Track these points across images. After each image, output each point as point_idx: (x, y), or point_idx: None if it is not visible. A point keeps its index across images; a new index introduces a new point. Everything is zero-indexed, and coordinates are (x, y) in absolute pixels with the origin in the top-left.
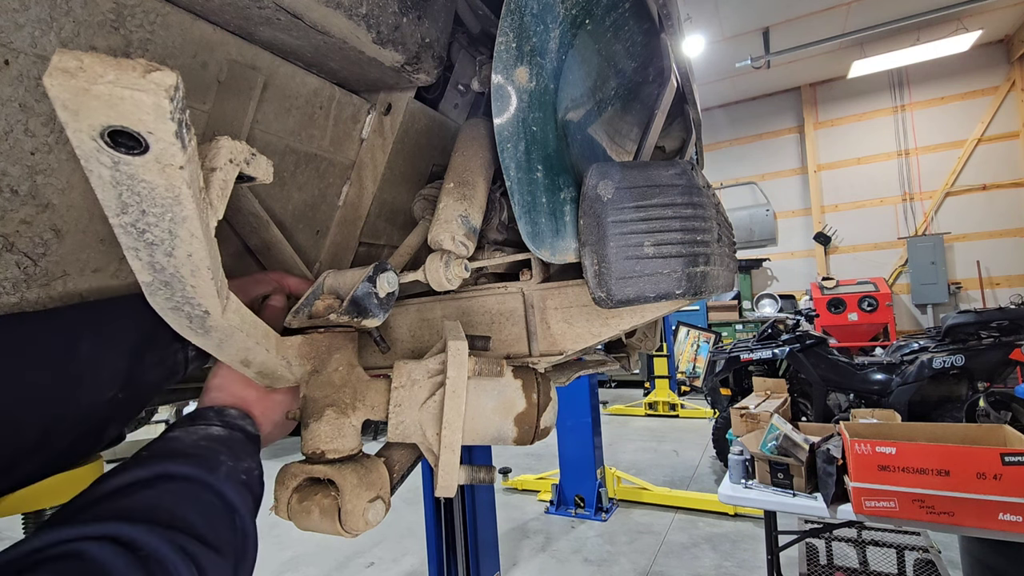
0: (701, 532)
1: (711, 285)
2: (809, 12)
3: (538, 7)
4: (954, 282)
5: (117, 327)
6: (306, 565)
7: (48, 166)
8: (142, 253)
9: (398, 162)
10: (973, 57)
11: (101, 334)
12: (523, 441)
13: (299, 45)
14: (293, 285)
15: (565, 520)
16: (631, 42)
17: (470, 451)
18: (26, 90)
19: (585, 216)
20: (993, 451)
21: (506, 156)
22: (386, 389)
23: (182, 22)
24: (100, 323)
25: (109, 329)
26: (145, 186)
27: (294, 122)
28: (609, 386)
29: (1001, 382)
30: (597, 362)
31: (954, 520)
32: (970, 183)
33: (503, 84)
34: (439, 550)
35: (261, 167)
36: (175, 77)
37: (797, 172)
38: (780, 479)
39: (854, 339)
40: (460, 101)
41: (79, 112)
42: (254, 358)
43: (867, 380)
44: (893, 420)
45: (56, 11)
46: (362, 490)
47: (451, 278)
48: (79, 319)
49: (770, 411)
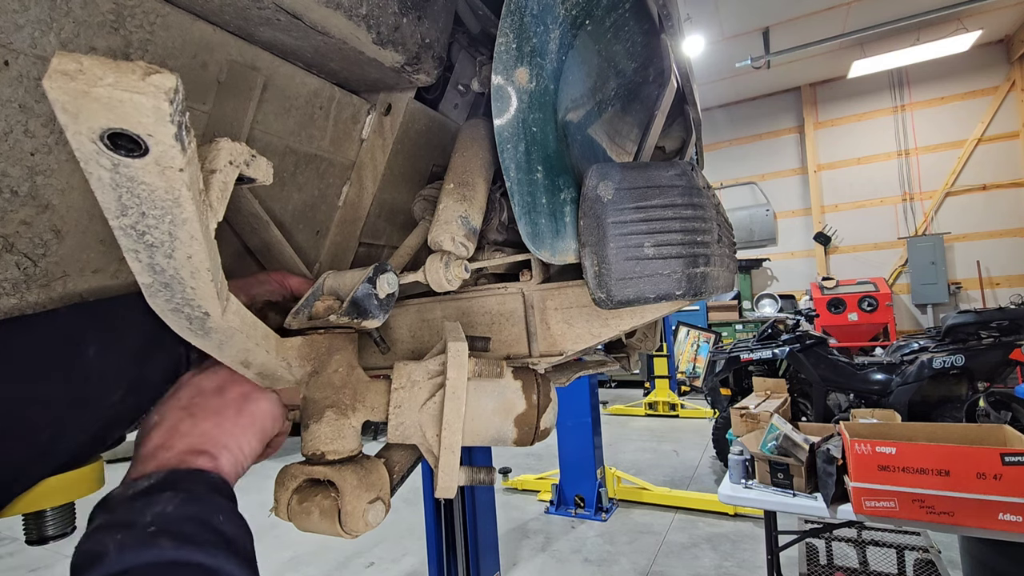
0: (701, 532)
1: (711, 286)
2: (809, 12)
3: (538, 8)
4: (954, 282)
5: (123, 329)
6: (306, 565)
7: (48, 167)
8: (142, 255)
9: (398, 162)
10: (973, 57)
11: (107, 336)
12: (523, 442)
13: (299, 46)
14: (295, 285)
15: (565, 520)
16: (631, 43)
17: (470, 452)
18: (26, 91)
19: (585, 217)
20: (993, 451)
21: (506, 157)
22: (386, 390)
23: (182, 23)
24: (106, 326)
25: (115, 332)
26: (145, 188)
27: (294, 123)
28: (609, 386)
29: (1001, 382)
30: (597, 362)
31: (954, 520)
32: (970, 183)
33: (503, 85)
34: (439, 550)
35: (261, 168)
36: (175, 80)
37: (797, 172)
38: (780, 479)
39: (854, 339)
40: (460, 101)
41: (79, 115)
42: (254, 359)
43: (867, 380)
44: (893, 420)
45: (56, 12)
46: (362, 491)
47: (451, 279)
48: (86, 322)
49: (770, 411)
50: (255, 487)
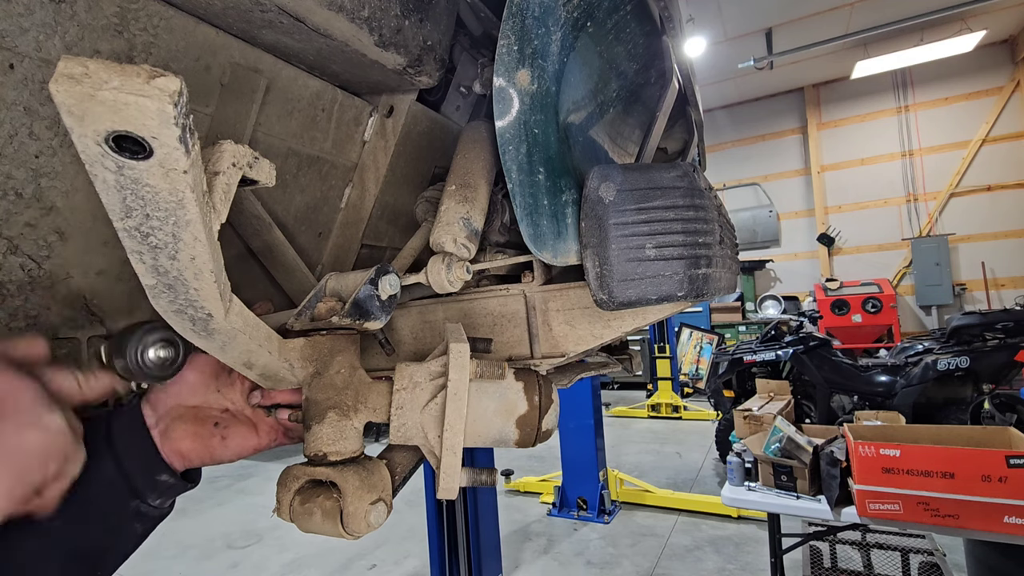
0: (704, 535)
1: (713, 287)
2: (812, 12)
3: (540, 10)
4: (959, 283)
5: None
6: (308, 567)
7: (52, 169)
8: (146, 256)
9: (400, 164)
10: (977, 57)
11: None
12: (525, 443)
13: (301, 48)
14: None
15: (567, 522)
16: (633, 44)
17: (472, 453)
18: (31, 94)
19: (587, 218)
20: (998, 453)
21: (508, 158)
22: (388, 391)
23: (185, 26)
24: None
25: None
26: (149, 190)
27: (296, 125)
28: (612, 388)
29: (1006, 384)
30: (599, 364)
31: (959, 523)
32: (974, 184)
33: (505, 87)
34: (441, 552)
35: (264, 170)
36: (179, 83)
37: (800, 173)
38: (784, 481)
39: (858, 341)
40: (462, 103)
41: (84, 118)
42: (257, 361)
43: (871, 382)
44: (897, 422)
45: (60, 15)
46: (364, 492)
47: (453, 280)
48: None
49: (773, 413)
50: (257, 489)
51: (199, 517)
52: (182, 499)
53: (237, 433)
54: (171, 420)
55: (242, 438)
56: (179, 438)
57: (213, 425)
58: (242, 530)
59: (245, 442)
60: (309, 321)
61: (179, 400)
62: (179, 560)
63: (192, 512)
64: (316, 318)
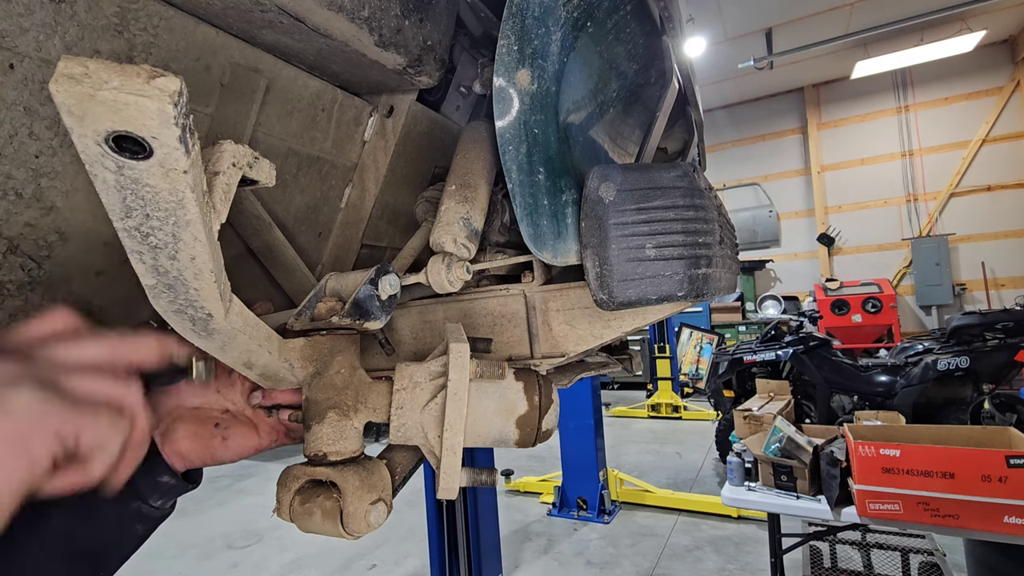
0: (704, 535)
1: (713, 287)
2: (812, 12)
3: (540, 10)
4: (959, 283)
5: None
6: (308, 567)
7: (52, 169)
8: (146, 256)
9: (400, 164)
10: (977, 57)
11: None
12: (525, 443)
13: (301, 48)
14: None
15: (567, 522)
16: (633, 44)
17: (472, 453)
18: (31, 94)
19: (587, 218)
20: (998, 453)
21: (508, 158)
22: (388, 391)
23: (185, 25)
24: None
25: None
26: (149, 190)
27: (296, 125)
28: (612, 388)
29: (1006, 384)
30: (599, 364)
31: (959, 523)
32: (974, 184)
33: (505, 87)
34: (441, 552)
35: (264, 170)
36: (179, 83)
37: (800, 173)
38: (784, 481)
39: (858, 341)
40: (462, 103)
41: (84, 118)
42: (257, 361)
43: (871, 382)
44: (897, 422)
45: (60, 15)
46: (364, 492)
47: (453, 280)
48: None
49: (773, 413)
50: (257, 489)
51: (199, 517)
52: (182, 499)
53: (238, 433)
54: (172, 421)
55: (243, 438)
56: (180, 439)
57: (214, 426)
58: (242, 530)
59: (246, 442)
60: (309, 321)
61: (179, 401)
62: (179, 560)
63: (192, 512)
64: (316, 318)
